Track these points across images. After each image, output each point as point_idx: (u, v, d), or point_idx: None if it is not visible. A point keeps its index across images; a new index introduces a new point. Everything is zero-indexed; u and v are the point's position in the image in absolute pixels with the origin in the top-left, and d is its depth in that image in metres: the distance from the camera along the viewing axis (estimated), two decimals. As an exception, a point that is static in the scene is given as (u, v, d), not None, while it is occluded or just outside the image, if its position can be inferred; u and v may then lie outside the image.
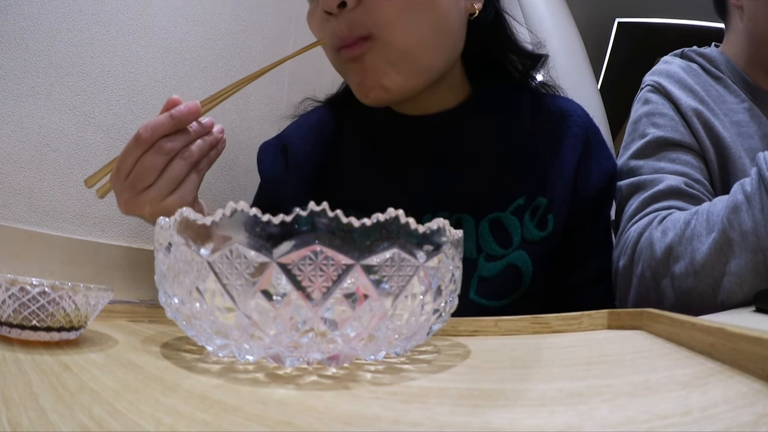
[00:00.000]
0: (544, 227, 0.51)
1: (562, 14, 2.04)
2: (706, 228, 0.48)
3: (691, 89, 0.63)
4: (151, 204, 0.43)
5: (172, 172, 0.42)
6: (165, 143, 0.41)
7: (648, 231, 0.53)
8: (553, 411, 0.16)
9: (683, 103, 0.62)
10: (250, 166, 0.92)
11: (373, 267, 0.21)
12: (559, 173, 0.53)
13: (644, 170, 0.59)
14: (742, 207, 0.46)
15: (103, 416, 0.15)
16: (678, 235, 0.50)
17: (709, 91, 0.64)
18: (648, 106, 0.64)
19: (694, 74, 0.66)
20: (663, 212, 0.55)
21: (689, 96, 0.62)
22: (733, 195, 0.48)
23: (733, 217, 0.46)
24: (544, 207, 0.52)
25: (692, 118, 0.60)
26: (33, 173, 0.65)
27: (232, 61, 0.90)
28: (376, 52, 0.46)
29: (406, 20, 0.45)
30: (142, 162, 0.41)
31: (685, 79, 0.64)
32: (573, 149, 0.54)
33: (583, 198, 0.54)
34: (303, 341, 0.22)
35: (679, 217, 0.51)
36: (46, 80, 0.66)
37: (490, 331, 0.37)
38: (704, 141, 0.60)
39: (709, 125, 0.60)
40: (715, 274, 0.47)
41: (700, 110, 0.61)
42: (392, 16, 0.44)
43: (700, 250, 0.48)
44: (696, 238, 0.49)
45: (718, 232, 0.47)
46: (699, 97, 0.62)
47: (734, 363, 0.21)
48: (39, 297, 0.26)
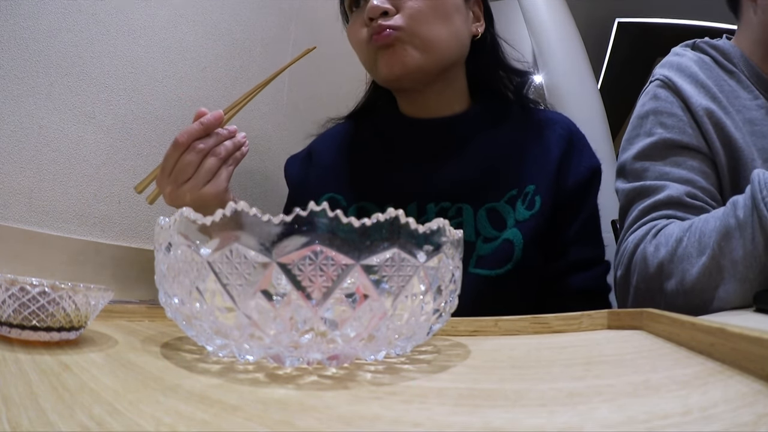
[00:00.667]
0: (532, 207, 0.59)
1: (562, 14, 2.04)
2: (697, 249, 0.48)
3: (703, 85, 0.60)
4: (191, 192, 0.54)
5: (206, 166, 0.53)
6: (198, 144, 0.53)
7: (643, 244, 0.54)
8: (553, 411, 0.16)
9: (694, 102, 0.59)
10: (250, 167, 0.92)
11: (373, 267, 0.21)
12: (545, 164, 0.61)
13: (648, 175, 0.58)
14: (734, 234, 0.45)
15: (103, 416, 0.15)
16: (670, 252, 0.50)
17: (722, 86, 0.60)
18: (656, 103, 0.62)
19: (706, 68, 0.62)
20: (661, 222, 0.54)
21: (701, 93, 0.60)
22: (725, 217, 0.47)
23: (725, 243, 0.46)
24: (532, 191, 0.59)
25: (703, 118, 0.58)
26: (33, 173, 0.65)
27: (232, 61, 0.90)
28: (404, 39, 0.58)
29: (430, 21, 0.58)
30: (182, 161, 0.52)
31: (697, 73, 0.61)
32: (557, 146, 0.62)
33: (565, 188, 0.61)
34: (303, 341, 0.22)
35: (672, 232, 0.51)
36: (46, 80, 0.66)
37: (490, 331, 0.37)
38: (714, 143, 0.57)
39: (720, 126, 0.58)
40: (705, 297, 0.48)
41: (712, 110, 0.58)
42: (422, 17, 0.58)
43: (690, 272, 0.48)
44: (686, 258, 0.49)
45: (708, 257, 0.47)
46: (711, 93, 0.60)
47: (734, 363, 0.21)
48: (39, 297, 0.26)
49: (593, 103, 1.93)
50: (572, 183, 0.61)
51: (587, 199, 0.63)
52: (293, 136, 1.01)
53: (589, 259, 0.61)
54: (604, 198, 0.69)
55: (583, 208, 0.62)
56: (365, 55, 0.62)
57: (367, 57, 0.61)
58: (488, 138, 0.64)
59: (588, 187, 0.63)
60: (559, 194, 0.60)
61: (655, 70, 0.67)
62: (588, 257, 0.61)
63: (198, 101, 0.82)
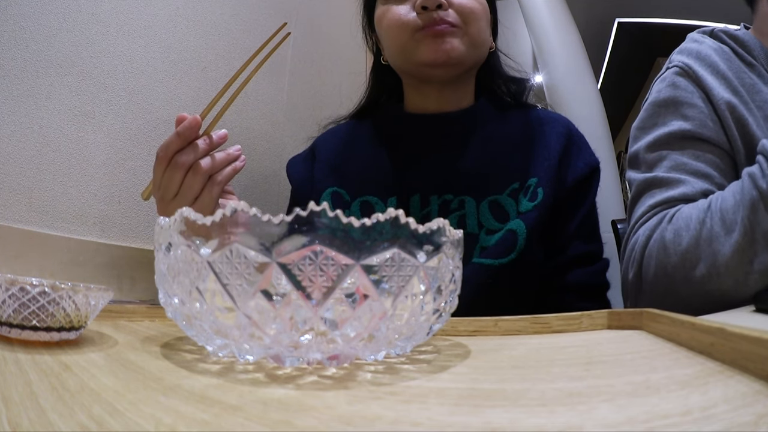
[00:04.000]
0: (535, 198, 0.60)
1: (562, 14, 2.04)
2: (723, 228, 0.47)
3: (725, 76, 0.57)
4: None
5: (188, 185, 0.51)
6: (179, 158, 0.50)
7: (658, 232, 0.52)
8: (553, 411, 0.16)
9: (716, 94, 0.56)
10: (250, 167, 0.92)
11: (373, 267, 0.21)
12: (546, 158, 0.62)
13: (664, 164, 0.56)
14: (759, 206, 0.45)
15: (103, 416, 0.15)
16: (694, 237, 0.48)
17: (742, 79, 0.57)
18: (675, 91, 0.58)
19: (726, 58, 0.58)
20: (671, 210, 0.52)
21: (723, 85, 0.56)
22: (747, 191, 0.46)
23: (753, 216, 0.45)
24: (534, 184, 0.61)
25: (725, 112, 0.55)
26: (33, 173, 0.65)
27: (232, 61, 0.90)
28: (456, 35, 0.61)
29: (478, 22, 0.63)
30: (165, 177, 0.50)
31: (717, 63, 0.58)
32: (558, 141, 0.64)
33: (565, 184, 0.62)
34: (303, 341, 0.22)
35: (691, 214, 0.49)
36: (46, 80, 0.66)
37: (490, 331, 0.37)
38: (736, 141, 0.55)
39: (742, 122, 0.54)
40: (739, 274, 0.47)
41: (734, 104, 0.55)
42: (473, 17, 0.62)
43: (722, 252, 0.47)
44: (715, 239, 0.47)
45: (739, 233, 0.46)
46: (732, 86, 0.56)
47: (734, 363, 0.21)
48: (39, 297, 0.26)
49: (593, 103, 1.93)
50: (572, 179, 0.62)
51: (586, 196, 0.64)
52: (293, 136, 1.01)
53: (588, 254, 0.62)
54: (604, 198, 0.70)
55: (582, 205, 0.63)
56: (406, 37, 0.62)
57: (408, 39, 0.62)
58: (490, 132, 0.66)
59: (587, 184, 0.64)
60: (559, 189, 0.61)
61: (672, 56, 0.63)
62: (586, 253, 0.62)
63: (198, 101, 0.82)
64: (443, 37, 0.60)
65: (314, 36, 1.09)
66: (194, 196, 0.51)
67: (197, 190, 0.51)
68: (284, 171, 0.75)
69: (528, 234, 0.57)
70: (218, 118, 0.53)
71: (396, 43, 0.64)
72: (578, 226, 0.62)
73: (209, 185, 0.52)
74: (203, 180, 0.51)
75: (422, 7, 0.60)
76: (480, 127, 0.66)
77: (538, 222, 0.58)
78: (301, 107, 1.04)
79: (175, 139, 0.49)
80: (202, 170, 0.50)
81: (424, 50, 0.61)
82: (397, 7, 0.64)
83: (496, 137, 0.65)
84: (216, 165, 0.52)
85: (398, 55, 0.65)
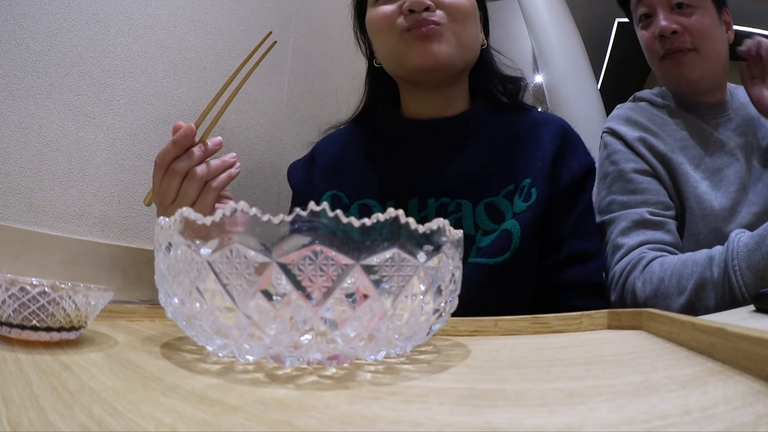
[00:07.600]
0: (529, 199, 0.61)
1: (562, 14, 2.04)
2: (676, 289, 0.59)
3: (636, 122, 0.76)
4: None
5: (185, 191, 0.53)
6: (175, 165, 0.52)
7: (632, 277, 0.64)
8: (553, 411, 0.16)
9: (628, 135, 0.74)
10: (250, 167, 0.92)
11: (373, 267, 0.21)
12: (540, 159, 0.63)
13: (614, 206, 0.72)
14: (708, 286, 0.56)
15: (103, 416, 0.15)
16: (653, 290, 0.62)
17: (653, 120, 0.76)
18: (606, 150, 0.77)
19: (639, 110, 0.78)
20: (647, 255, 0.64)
21: (633, 128, 0.75)
22: (702, 270, 0.57)
23: (700, 291, 0.57)
24: (528, 185, 0.61)
25: (637, 144, 0.73)
26: (33, 173, 0.65)
27: (232, 61, 0.90)
28: (442, 35, 0.62)
29: (466, 22, 0.63)
30: (163, 184, 0.52)
31: (631, 116, 0.77)
32: (552, 143, 0.65)
33: (560, 184, 0.63)
34: (303, 341, 0.22)
35: (654, 271, 0.62)
36: (46, 80, 0.66)
37: (490, 331, 0.37)
38: (652, 161, 0.72)
39: (652, 147, 0.73)
40: None
41: (644, 137, 0.74)
42: (460, 17, 0.63)
43: (672, 307, 0.59)
44: (668, 296, 0.60)
45: (686, 299, 0.58)
46: (643, 126, 0.75)
47: (734, 363, 0.21)
48: (39, 297, 0.26)
49: (593, 103, 1.93)
50: (567, 180, 0.63)
51: (582, 195, 0.65)
52: (293, 136, 1.01)
53: (583, 253, 0.62)
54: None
55: (577, 204, 0.64)
56: (395, 41, 0.63)
57: (397, 44, 0.63)
58: (486, 136, 0.67)
59: (582, 184, 0.65)
60: (554, 189, 0.62)
61: (604, 125, 0.82)
62: (582, 251, 0.62)
63: (198, 101, 0.82)
64: (430, 39, 0.61)
65: (314, 36, 1.08)
66: (191, 201, 0.53)
67: (193, 196, 0.53)
68: (284, 170, 0.76)
69: (522, 233, 0.58)
70: (212, 125, 0.55)
71: (385, 46, 0.65)
72: (573, 225, 0.63)
73: (204, 191, 0.54)
74: (199, 186, 0.53)
75: (409, 11, 0.60)
76: (476, 131, 0.67)
77: (533, 221, 0.59)
78: (301, 107, 1.04)
79: (171, 147, 0.51)
80: (197, 177, 0.53)
81: (413, 55, 0.62)
82: (384, 7, 0.64)
83: (491, 140, 0.66)
84: (211, 172, 0.54)
85: (389, 58, 0.66)
